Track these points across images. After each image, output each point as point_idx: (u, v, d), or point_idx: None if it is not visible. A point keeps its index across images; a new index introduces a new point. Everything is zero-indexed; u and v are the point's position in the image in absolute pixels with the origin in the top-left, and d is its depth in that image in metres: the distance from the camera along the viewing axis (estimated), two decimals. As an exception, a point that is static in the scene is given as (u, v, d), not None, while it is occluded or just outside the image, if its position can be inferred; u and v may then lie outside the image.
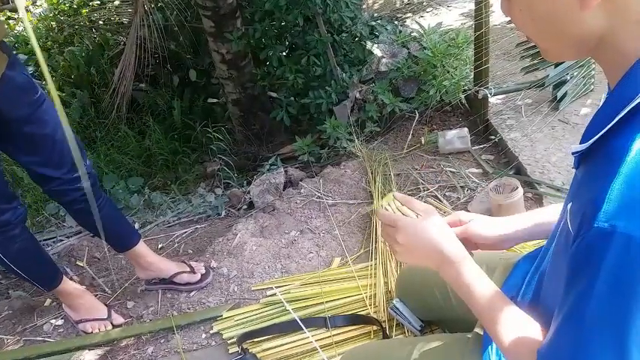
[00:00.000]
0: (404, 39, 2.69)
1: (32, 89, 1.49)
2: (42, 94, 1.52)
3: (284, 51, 3.17)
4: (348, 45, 3.10)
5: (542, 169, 1.90)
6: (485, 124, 2.24)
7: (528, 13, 0.62)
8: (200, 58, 3.93)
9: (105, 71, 4.05)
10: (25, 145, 1.51)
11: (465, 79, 2.38)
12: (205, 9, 3.05)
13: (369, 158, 2.26)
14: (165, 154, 3.67)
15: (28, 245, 1.63)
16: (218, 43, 3.17)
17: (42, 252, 1.73)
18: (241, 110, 3.46)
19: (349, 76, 2.99)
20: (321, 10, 2.85)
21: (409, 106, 2.58)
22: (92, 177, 1.66)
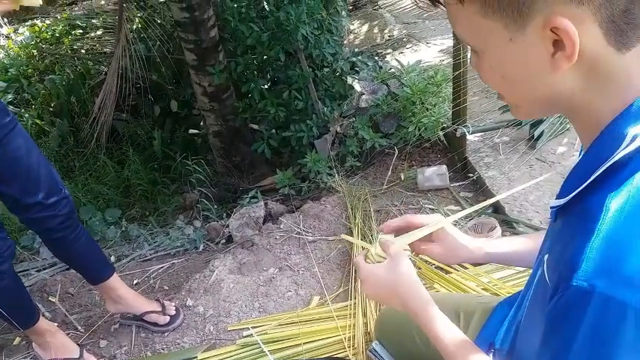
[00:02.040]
0: (384, 76, 2.74)
1: (3, 114, 1.46)
2: (13, 118, 1.49)
3: (266, 84, 3.20)
4: (329, 80, 3.15)
5: (520, 207, 1.92)
6: (464, 162, 2.27)
7: (499, 71, 0.62)
8: (182, 89, 3.93)
9: (85, 100, 4.02)
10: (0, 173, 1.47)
11: (444, 117, 2.42)
12: (188, 42, 3.07)
13: (350, 193, 2.26)
14: (144, 185, 3.62)
15: (13, 283, 1.58)
16: (200, 75, 3.18)
17: (24, 290, 1.67)
18: (222, 142, 3.45)
19: (330, 111, 3.03)
20: (302, 46, 2.90)
21: (389, 142, 2.61)
22: (69, 204, 1.62)
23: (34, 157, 1.51)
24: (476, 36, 0.61)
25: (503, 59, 0.60)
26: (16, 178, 1.49)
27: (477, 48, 0.63)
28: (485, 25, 0.57)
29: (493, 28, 0.57)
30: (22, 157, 1.47)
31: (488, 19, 0.56)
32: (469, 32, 0.62)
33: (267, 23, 2.90)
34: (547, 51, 0.55)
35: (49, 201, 1.54)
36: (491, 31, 0.57)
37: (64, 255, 1.77)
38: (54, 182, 1.57)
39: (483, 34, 0.59)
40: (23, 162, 1.48)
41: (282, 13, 2.80)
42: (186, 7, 2.91)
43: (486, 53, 0.61)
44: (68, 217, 1.61)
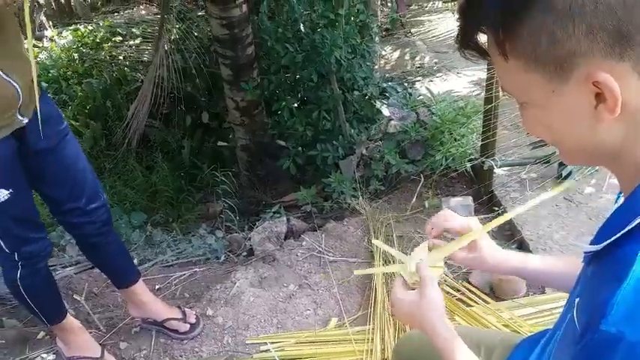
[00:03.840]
0: (413, 104, 2.78)
1: (58, 120, 1.54)
2: (66, 125, 1.57)
3: (296, 103, 3.26)
4: (358, 103, 3.20)
5: (544, 245, 1.92)
6: (490, 195, 2.28)
7: (543, 123, 0.64)
8: (214, 101, 4.03)
9: (120, 105, 4.15)
10: (48, 175, 1.54)
11: (472, 148, 2.44)
12: (225, 57, 3.16)
13: (373, 217, 2.28)
14: (170, 192, 3.71)
15: (46, 280, 1.65)
16: (234, 90, 3.27)
17: (56, 288, 1.74)
18: (249, 156, 3.52)
19: (357, 133, 3.07)
20: (335, 69, 2.96)
21: (415, 169, 2.63)
22: (107, 211, 1.69)
23: (82, 164, 1.58)
24: (520, 89, 0.63)
25: (547, 111, 0.62)
26: (62, 182, 1.56)
27: (522, 100, 0.64)
28: (529, 79, 0.59)
29: (536, 81, 0.59)
30: (71, 163, 1.55)
31: (532, 73, 0.58)
32: (514, 85, 0.64)
33: (302, 45, 2.98)
34: (590, 104, 0.57)
35: (90, 207, 1.61)
36: (534, 85, 0.59)
37: (95, 258, 1.84)
38: (96, 189, 1.64)
39: (527, 88, 0.61)
40: (72, 168, 1.55)
41: (318, 36, 2.87)
42: (226, 24, 3.01)
43: (530, 105, 0.64)
44: (104, 224, 1.67)
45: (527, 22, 0.55)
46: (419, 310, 0.89)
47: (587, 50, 0.54)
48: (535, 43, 0.56)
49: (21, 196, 1.48)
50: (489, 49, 0.61)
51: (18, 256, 1.55)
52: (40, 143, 1.48)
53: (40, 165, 1.53)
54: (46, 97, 1.52)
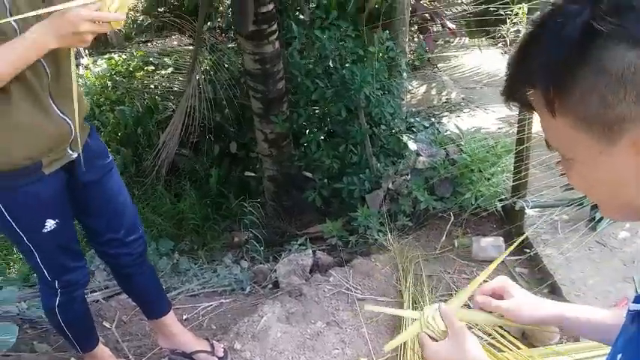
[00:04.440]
0: (442, 141, 2.80)
1: (105, 155, 1.60)
2: (111, 160, 1.63)
3: (323, 136, 3.31)
4: (385, 137, 3.23)
5: (578, 291, 1.89)
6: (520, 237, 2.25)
7: (587, 180, 0.64)
8: (242, 131, 4.12)
9: (151, 133, 4.26)
10: (92, 207, 1.60)
11: (502, 187, 2.43)
12: (256, 91, 3.24)
13: (401, 254, 2.28)
14: (197, 220, 3.76)
15: (82, 308, 1.69)
16: (263, 123, 3.34)
17: (90, 316, 1.78)
18: (276, 186, 3.57)
19: (384, 167, 3.09)
20: (364, 104, 3.00)
21: (443, 206, 2.63)
22: (144, 243, 1.73)
23: (123, 197, 1.63)
24: (566, 146, 0.63)
25: (593, 169, 0.62)
26: (104, 214, 1.61)
27: (567, 156, 0.64)
28: (575, 137, 0.59)
29: (584, 140, 0.59)
30: (113, 196, 1.60)
31: (580, 132, 0.59)
32: (560, 141, 0.65)
33: (331, 80, 3.04)
34: (636, 165, 0.57)
35: (128, 239, 1.65)
36: (581, 143, 0.60)
37: (129, 288, 1.87)
38: (134, 222, 1.68)
39: (574, 145, 0.61)
40: (113, 201, 1.60)
41: (347, 72, 2.93)
42: (259, 59, 3.10)
43: (576, 162, 0.64)
44: (140, 256, 1.71)
45: (579, 83, 0.56)
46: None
47: (636, 116, 0.54)
48: (585, 103, 0.56)
49: (66, 226, 1.53)
50: (536, 104, 0.62)
51: (58, 284, 1.59)
52: (86, 176, 1.54)
53: (85, 196, 1.58)
54: (94, 133, 1.58)
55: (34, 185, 1.41)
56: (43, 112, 1.36)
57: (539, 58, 0.58)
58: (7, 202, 1.41)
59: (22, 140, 1.33)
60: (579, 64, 0.55)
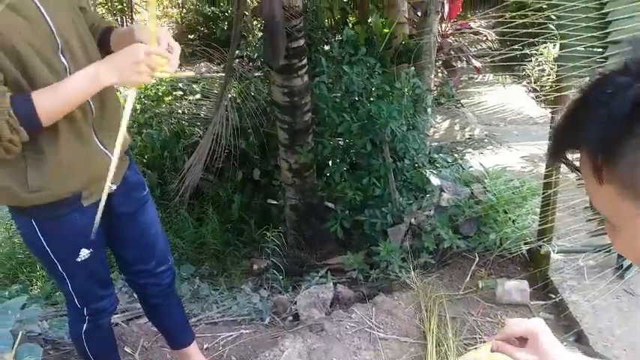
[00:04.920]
0: (467, 179, 2.80)
1: (142, 187, 1.65)
2: (148, 192, 1.67)
3: (346, 167, 3.34)
4: (408, 172, 3.25)
5: (605, 341, 1.86)
6: (546, 281, 2.24)
7: (632, 245, 0.65)
8: (266, 159, 4.18)
9: (177, 157, 4.34)
10: (124, 237, 1.64)
11: (528, 230, 2.42)
12: (282, 122, 3.30)
13: (424, 293, 2.27)
14: (218, 245, 3.79)
15: (109, 336, 1.72)
16: (288, 153, 3.39)
17: (115, 343, 1.81)
18: (297, 215, 3.59)
19: (406, 201, 3.10)
20: (389, 139, 3.04)
21: (467, 245, 2.62)
22: (172, 274, 1.76)
23: (156, 229, 1.67)
24: (611, 212, 0.64)
25: (638, 237, 0.62)
26: (136, 245, 1.65)
27: (612, 221, 0.65)
28: (621, 205, 0.60)
29: (629, 208, 0.59)
30: (147, 228, 1.64)
31: (626, 200, 0.59)
32: (605, 208, 0.66)
33: (357, 114, 3.09)
34: None
35: (157, 270, 1.69)
36: (627, 211, 0.60)
37: (154, 317, 1.90)
38: (165, 253, 1.72)
39: (619, 212, 0.62)
40: (146, 232, 1.64)
41: (374, 107, 2.98)
42: (287, 92, 3.16)
43: (621, 229, 0.64)
44: (168, 286, 1.74)
45: (627, 154, 0.56)
46: None
47: None
48: (633, 174, 0.57)
49: (98, 255, 1.57)
50: (582, 168, 0.63)
51: (86, 311, 1.63)
52: (122, 207, 1.58)
53: (119, 227, 1.62)
54: (133, 166, 1.63)
55: (72, 215, 1.45)
56: (87, 146, 1.40)
57: (588, 128, 0.59)
58: (45, 231, 1.45)
59: (65, 174, 1.37)
60: (628, 136, 0.56)
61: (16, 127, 1.18)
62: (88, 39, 1.41)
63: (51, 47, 1.28)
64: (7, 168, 1.32)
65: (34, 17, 1.26)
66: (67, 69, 1.31)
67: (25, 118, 1.19)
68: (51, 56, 1.28)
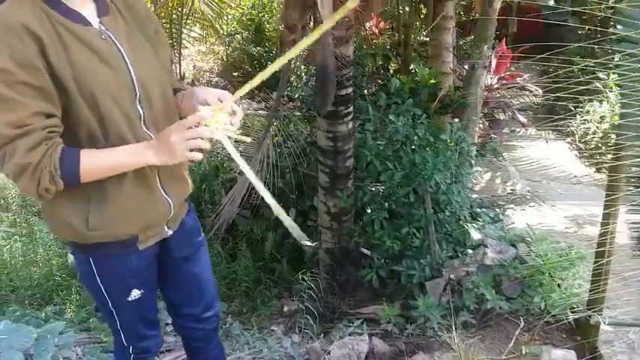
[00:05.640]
0: (512, 239, 2.75)
1: (198, 232, 1.67)
2: (203, 237, 1.69)
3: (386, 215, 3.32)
4: (449, 224, 3.20)
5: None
6: (594, 354, 2.14)
7: None
8: (301, 199, 4.19)
9: (215, 191, 4.40)
10: (176, 280, 1.65)
11: (576, 297, 2.34)
12: (325, 166, 3.33)
13: (466, 356, 2.19)
14: (249, 282, 3.78)
15: None
16: (328, 196, 3.40)
17: None
18: (332, 259, 3.56)
19: (445, 254, 3.05)
20: (432, 190, 3.02)
21: (510, 306, 2.54)
22: (217, 320, 1.76)
23: (206, 275, 1.68)
24: None
25: None
26: (185, 289, 1.66)
27: None
28: None
29: None
30: (199, 273, 1.65)
31: None
32: None
33: (400, 163, 3.09)
34: None
35: (204, 315, 1.69)
36: None
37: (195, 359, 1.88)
38: (213, 299, 1.72)
39: None
40: (197, 278, 1.66)
41: (418, 157, 2.98)
42: (332, 137, 3.20)
43: None
44: (213, 331, 1.74)
45: None
46: None
47: None
48: None
49: (149, 297, 1.58)
50: None
51: (132, 350, 1.63)
52: (177, 252, 1.60)
53: (171, 270, 1.64)
54: (192, 211, 1.66)
55: (128, 257, 1.47)
56: (149, 192, 1.42)
57: None
58: (101, 269, 1.48)
59: (125, 217, 1.39)
60: None
61: (56, 180, 1.21)
62: (169, 92, 1.46)
63: (129, 96, 1.32)
64: (71, 205, 1.35)
65: (118, 66, 1.30)
66: (142, 117, 1.35)
67: (67, 173, 1.22)
68: (128, 105, 1.32)
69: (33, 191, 1.19)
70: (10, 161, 1.16)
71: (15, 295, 3.75)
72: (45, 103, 1.19)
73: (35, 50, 1.17)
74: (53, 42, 1.20)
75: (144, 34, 1.42)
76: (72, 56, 1.23)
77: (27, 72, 1.15)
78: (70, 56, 1.23)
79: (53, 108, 1.21)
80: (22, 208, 4.74)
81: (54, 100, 1.21)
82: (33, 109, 1.16)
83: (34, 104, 1.17)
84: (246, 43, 6.55)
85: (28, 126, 1.16)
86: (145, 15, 1.46)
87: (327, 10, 2.67)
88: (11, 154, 1.16)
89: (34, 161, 1.16)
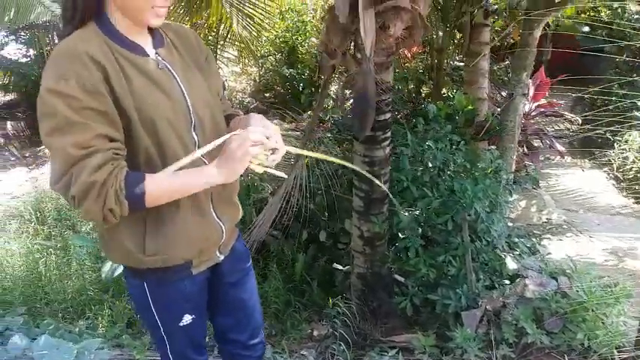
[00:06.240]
0: (553, 271, 2.69)
1: (247, 258, 1.68)
2: (251, 264, 1.70)
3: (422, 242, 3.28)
4: (486, 254, 3.15)
5: None
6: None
7: None
8: (333, 221, 4.19)
9: (246, 211, 4.42)
10: (224, 306, 1.66)
11: (621, 334, 2.26)
12: (360, 190, 3.32)
13: (507, 393, 2.13)
14: (279, 304, 3.77)
15: None
16: (361, 220, 3.38)
17: None
18: (364, 284, 3.53)
19: (482, 284, 2.99)
20: (470, 218, 2.98)
21: (551, 342, 2.47)
22: (263, 348, 1.76)
23: (254, 301, 1.69)
24: None
25: None
26: (233, 314, 1.67)
27: None
28: None
29: None
30: (246, 299, 1.66)
31: None
32: None
33: (438, 190, 3.07)
34: None
35: (250, 342, 1.69)
36: None
37: None
38: (259, 326, 1.73)
39: None
40: (245, 304, 1.66)
41: (457, 185, 2.95)
42: (368, 162, 3.20)
43: None
44: (258, 359, 1.73)
45: None
46: None
47: None
48: None
49: (199, 322, 1.59)
50: None
51: None
52: (227, 277, 1.61)
53: (220, 295, 1.65)
54: (240, 237, 1.67)
55: (182, 281, 1.49)
56: (203, 217, 1.45)
57: None
58: (155, 295, 1.49)
59: (181, 242, 1.42)
60: None
61: (121, 200, 1.23)
62: (220, 119, 1.50)
63: (185, 123, 1.37)
64: (128, 230, 1.38)
65: (175, 95, 1.36)
66: (197, 143, 1.40)
67: (132, 194, 1.24)
68: (184, 131, 1.37)
69: (98, 212, 1.21)
70: (76, 182, 1.18)
71: (49, 308, 3.82)
72: (109, 127, 1.23)
73: (100, 77, 1.22)
74: (116, 72, 1.25)
75: (196, 63, 1.48)
76: (133, 86, 1.28)
77: (93, 97, 1.20)
78: (132, 86, 1.28)
79: (116, 132, 1.25)
80: (58, 222, 4.84)
81: (117, 124, 1.25)
82: (97, 132, 1.20)
83: (99, 127, 1.21)
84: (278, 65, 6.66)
85: (93, 147, 1.19)
86: (196, 45, 1.51)
87: (370, 37, 2.71)
88: (77, 175, 1.18)
89: (100, 180, 1.19)
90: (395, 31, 2.74)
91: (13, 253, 4.34)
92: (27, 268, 4.16)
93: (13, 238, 4.61)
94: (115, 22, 1.30)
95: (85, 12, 1.27)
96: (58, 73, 1.18)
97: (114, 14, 1.30)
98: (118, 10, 1.30)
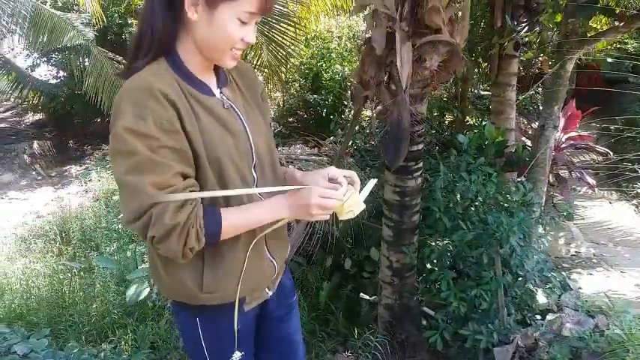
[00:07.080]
0: (591, 309, 2.64)
1: (292, 293, 1.67)
2: (296, 298, 1.69)
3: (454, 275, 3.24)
4: (519, 288, 3.11)
5: None
6: None
7: None
8: (357, 249, 4.16)
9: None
10: (269, 341, 1.65)
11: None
12: (390, 220, 3.31)
13: None
14: (305, 334, 3.72)
15: None
16: (391, 250, 3.36)
17: None
18: (391, 316, 3.48)
19: (514, 320, 2.94)
20: (504, 251, 2.95)
21: (591, 383, 2.41)
22: None
23: (298, 337, 1.68)
24: None
25: None
26: (277, 350, 1.66)
27: None
28: None
29: None
30: (291, 334, 1.65)
31: None
32: None
33: (472, 222, 3.04)
34: None
35: None
36: None
37: None
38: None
39: None
40: (289, 339, 1.66)
41: (491, 218, 2.93)
42: (399, 191, 3.20)
43: None
44: None
45: None
46: None
47: None
48: None
49: (247, 358, 1.57)
50: None
51: None
52: (274, 312, 1.60)
53: (266, 331, 1.64)
54: (287, 271, 1.67)
55: (234, 319, 1.48)
56: (258, 254, 1.46)
57: None
58: (207, 331, 1.49)
59: (236, 280, 1.41)
60: None
61: (200, 238, 1.24)
62: (276, 155, 1.53)
63: (247, 162, 1.39)
64: (185, 266, 1.38)
65: (239, 135, 1.39)
66: (255, 181, 1.42)
67: (210, 231, 1.26)
68: (245, 169, 1.38)
69: (179, 251, 1.22)
70: (157, 223, 1.19)
71: (73, 330, 3.81)
72: (184, 165, 1.25)
73: (174, 114, 1.23)
74: (186, 110, 1.27)
75: (255, 101, 1.51)
76: (201, 124, 1.30)
77: (169, 136, 1.21)
78: (200, 124, 1.30)
79: (190, 169, 1.27)
80: (82, 242, 4.87)
81: (190, 162, 1.27)
82: (175, 170, 1.22)
83: (176, 166, 1.22)
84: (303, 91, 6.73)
85: (171, 187, 1.20)
86: (254, 81, 1.54)
87: (407, 70, 2.73)
88: (159, 216, 1.19)
89: (182, 220, 1.20)
90: (431, 63, 2.77)
91: (38, 273, 4.36)
92: (52, 288, 4.18)
93: (38, 258, 4.63)
94: (186, 60, 1.33)
95: (159, 48, 1.30)
96: (135, 110, 1.19)
97: (186, 52, 1.32)
98: (195, 48, 1.32)
